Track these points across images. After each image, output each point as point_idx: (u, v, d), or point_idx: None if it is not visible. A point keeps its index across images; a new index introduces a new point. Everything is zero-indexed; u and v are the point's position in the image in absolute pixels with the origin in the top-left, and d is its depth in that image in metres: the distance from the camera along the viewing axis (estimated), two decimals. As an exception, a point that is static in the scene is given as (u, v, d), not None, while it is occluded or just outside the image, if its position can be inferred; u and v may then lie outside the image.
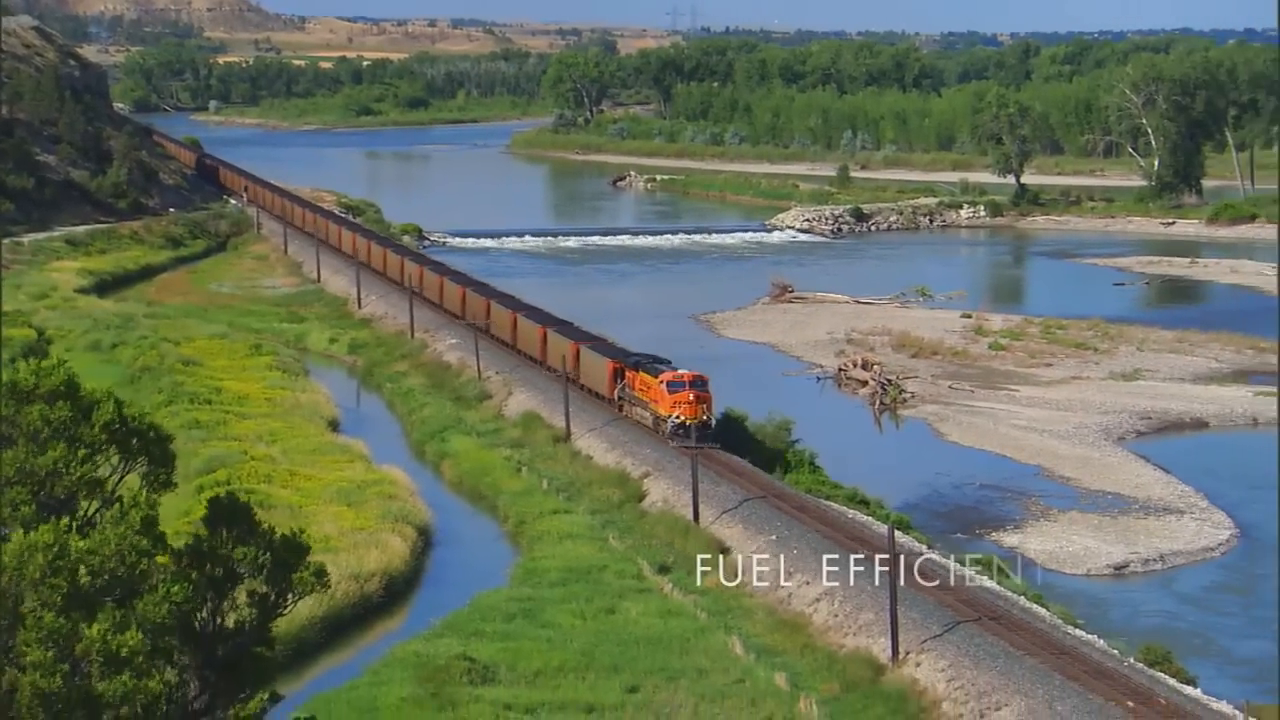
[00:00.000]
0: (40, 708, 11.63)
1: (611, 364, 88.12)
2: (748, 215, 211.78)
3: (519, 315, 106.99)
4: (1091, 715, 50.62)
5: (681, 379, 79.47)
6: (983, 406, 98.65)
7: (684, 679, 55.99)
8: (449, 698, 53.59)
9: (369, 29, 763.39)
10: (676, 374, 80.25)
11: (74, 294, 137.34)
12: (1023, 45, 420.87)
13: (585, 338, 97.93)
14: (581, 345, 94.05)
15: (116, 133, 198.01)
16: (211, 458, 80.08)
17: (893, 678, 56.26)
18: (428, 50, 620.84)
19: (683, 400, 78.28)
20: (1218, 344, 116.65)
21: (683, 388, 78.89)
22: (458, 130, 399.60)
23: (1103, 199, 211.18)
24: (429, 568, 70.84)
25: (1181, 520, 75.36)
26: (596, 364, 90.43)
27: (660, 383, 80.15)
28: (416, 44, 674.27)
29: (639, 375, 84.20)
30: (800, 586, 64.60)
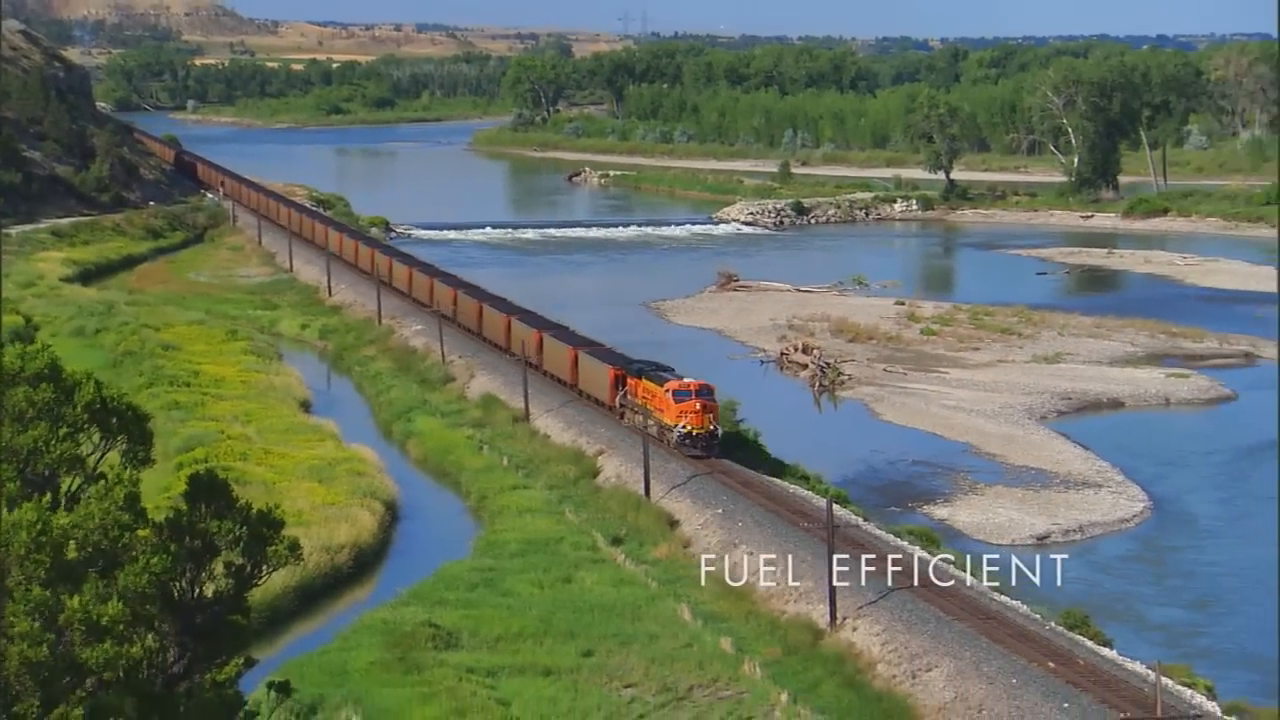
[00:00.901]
0: (27, 675, 11.54)
1: (613, 371, 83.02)
2: (695, 209, 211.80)
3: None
4: (1015, 675, 50.89)
5: (688, 388, 74.70)
6: (915, 388, 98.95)
7: (636, 643, 56.05)
8: (415, 662, 53.54)
9: (338, 33, 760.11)
10: (682, 383, 75.48)
11: (59, 283, 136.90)
12: (952, 50, 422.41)
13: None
14: (580, 351, 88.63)
15: (99, 130, 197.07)
16: (190, 437, 79.88)
17: (831, 642, 56.46)
18: (394, 53, 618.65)
19: (689, 410, 73.36)
20: (1132, 329, 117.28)
21: (689, 397, 74.03)
22: (422, 128, 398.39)
23: (1026, 194, 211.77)
24: (396, 540, 70.76)
25: (1099, 494, 75.80)
26: (596, 370, 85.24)
27: (666, 391, 75.27)
28: (383, 47, 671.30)
29: (641, 383, 79.10)
30: (749, 554, 64.76)
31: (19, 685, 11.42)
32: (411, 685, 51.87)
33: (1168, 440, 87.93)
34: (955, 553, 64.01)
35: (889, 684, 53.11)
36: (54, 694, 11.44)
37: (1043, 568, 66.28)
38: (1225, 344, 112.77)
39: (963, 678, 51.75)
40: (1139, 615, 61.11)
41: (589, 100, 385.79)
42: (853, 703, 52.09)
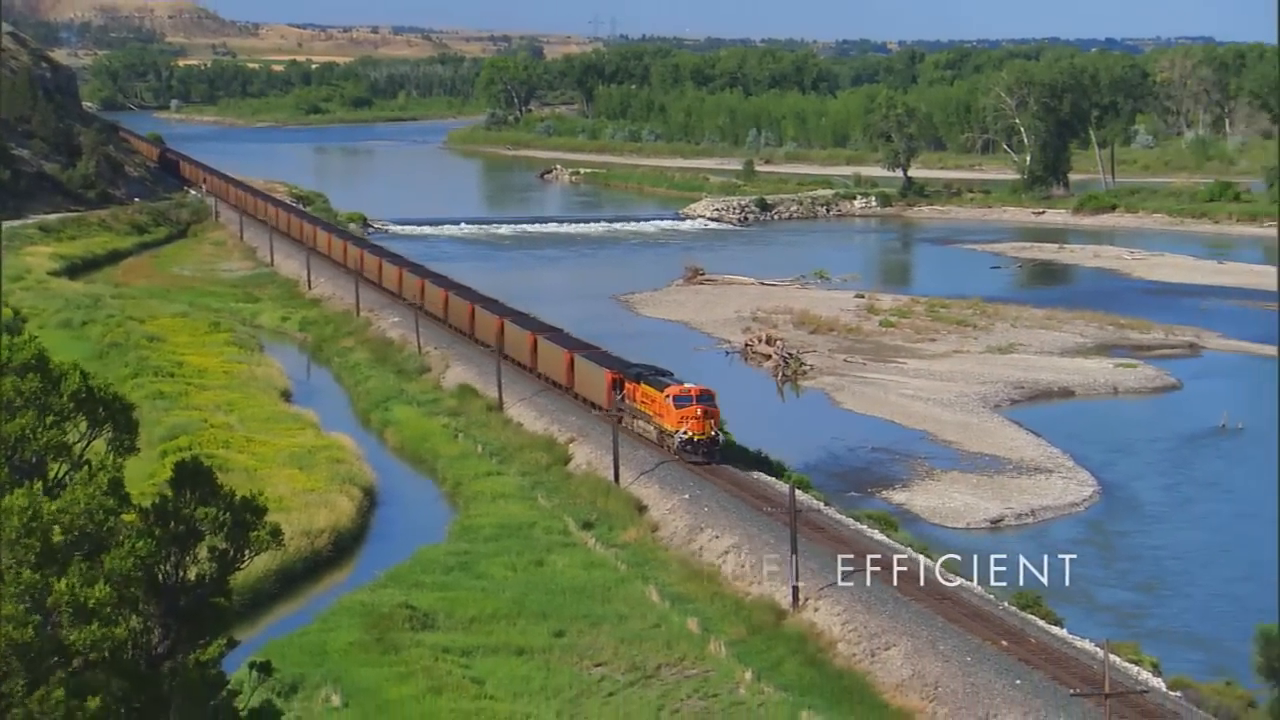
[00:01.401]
0: (14, 657, 11.50)
1: (610, 374, 78.92)
2: (663, 205, 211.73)
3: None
4: (970, 653, 51.07)
5: (688, 393, 71.16)
6: (874, 377, 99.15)
7: (606, 624, 56.08)
8: (392, 642, 53.50)
9: (317, 35, 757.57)
10: (683, 388, 71.94)
11: (47, 276, 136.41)
12: (909, 52, 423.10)
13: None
14: (576, 354, 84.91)
15: (85, 129, 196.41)
16: (174, 425, 79.66)
17: (793, 622, 56.56)
18: (371, 54, 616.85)
19: (690, 415, 70.10)
20: (1082, 321, 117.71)
21: (690, 402, 70.55)
22: (399, 127, 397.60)
23: (981, 191, 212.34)
24: (374, 525, 70.71)
25: (1050, 479, 76.07)
26: (593, 374, 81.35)
27: (666, 397, 71.74)
28: (361, 49, 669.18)
29: (640, 387, 75.43)
30: (714, 539, 64.82)
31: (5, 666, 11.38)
32: (389, 665, 51.84)
33: (1116, 428, 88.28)
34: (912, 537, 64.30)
35: (849, 662, 53.24)
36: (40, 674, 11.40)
37: (996, 550, 66.58)
38: (1171, 335, 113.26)
39: (920, 656, 51.91)
40: (1088, 596, 61.36)
41: (560, 100, 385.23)
42: (814, 680, 52.21)
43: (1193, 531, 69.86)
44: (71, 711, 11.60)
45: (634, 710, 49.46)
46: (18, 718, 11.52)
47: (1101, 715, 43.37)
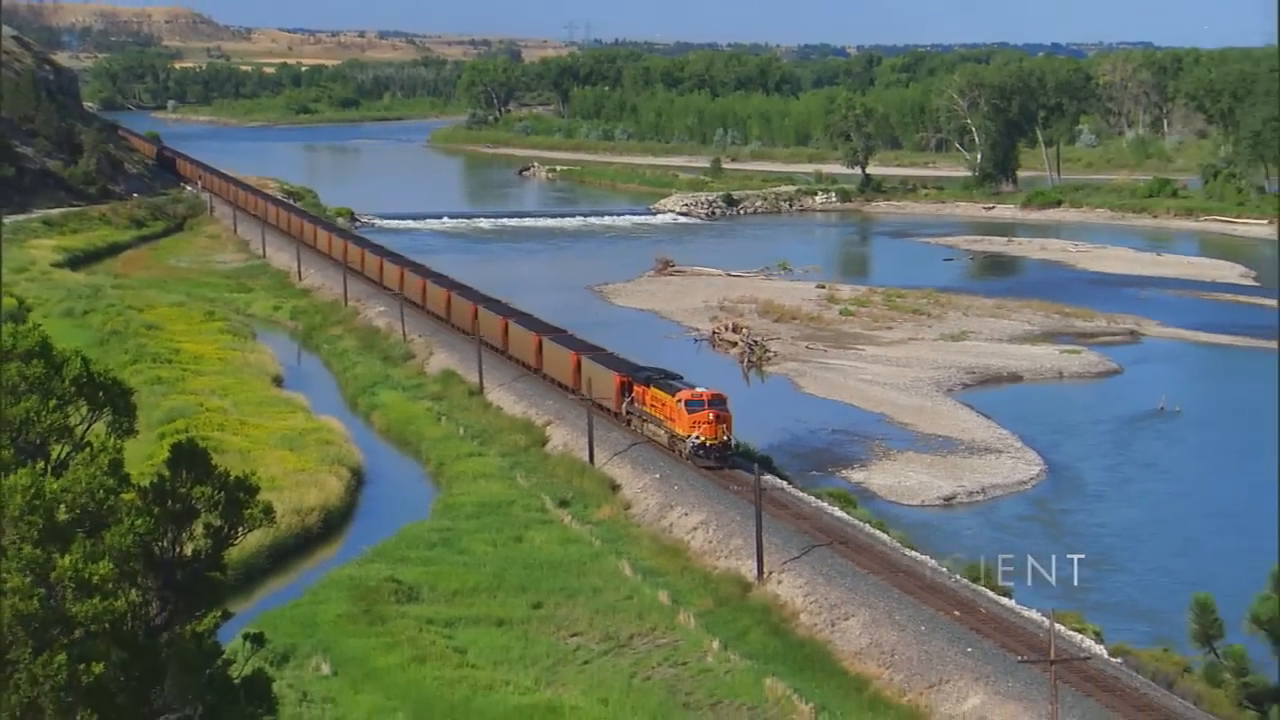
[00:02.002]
0: (20, 627, 11.47)
1: (619, 378, 75.20)
2: (635, 201, 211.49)
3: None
4: (924, 623, 51.25)
5: (700, 398, 67.24)
6: (834, 363, 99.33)
7: (581, 596, 56.12)
8: (379, 614, 53.46)
9: (307, 39, 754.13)
10: (695, 393, 67.86)
11: (50, 268, 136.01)
12: (867, 56, 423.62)
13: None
14: (584, 356, 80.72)
15: (86, 128, 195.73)
16: (172, 409, 79.45)
17: (758, 594, 56.67)
18: (358, 58, 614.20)
19: (702, 420, 66.30)
20: (1029, 310, 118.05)
21: (702, 407, 66.76)
22: (384, 127, 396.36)
23: (934, 187, 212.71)
24: (361, 503, 70.64)
25: (1000, 459, 76.34)
26: (602, 376, 77.22)
27: (678, 401, 67.81)
28: (348, 52, 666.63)
29: (650, 391, 71.68)
30: (683, 516, 64.90)
31: (11, 635, 11.37)
32: (376, 635, 51.80)
33: (1061, 410, 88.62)
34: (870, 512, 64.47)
35: (810, 631, 53.38)
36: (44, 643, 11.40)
37: (949, 526, 66.86)
38: (1113, 323, 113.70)
39: (877, 625, 52.07)
40: (1035, 569, 61.54)
41: (537, 101, 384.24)
42: (778, 649, 52.32)
43: (1132, 509, 70.20)
44: (75, 677, 11.60)
45: (608, 678, 49.50)
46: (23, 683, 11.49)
47: (1047, 680, 43.53)
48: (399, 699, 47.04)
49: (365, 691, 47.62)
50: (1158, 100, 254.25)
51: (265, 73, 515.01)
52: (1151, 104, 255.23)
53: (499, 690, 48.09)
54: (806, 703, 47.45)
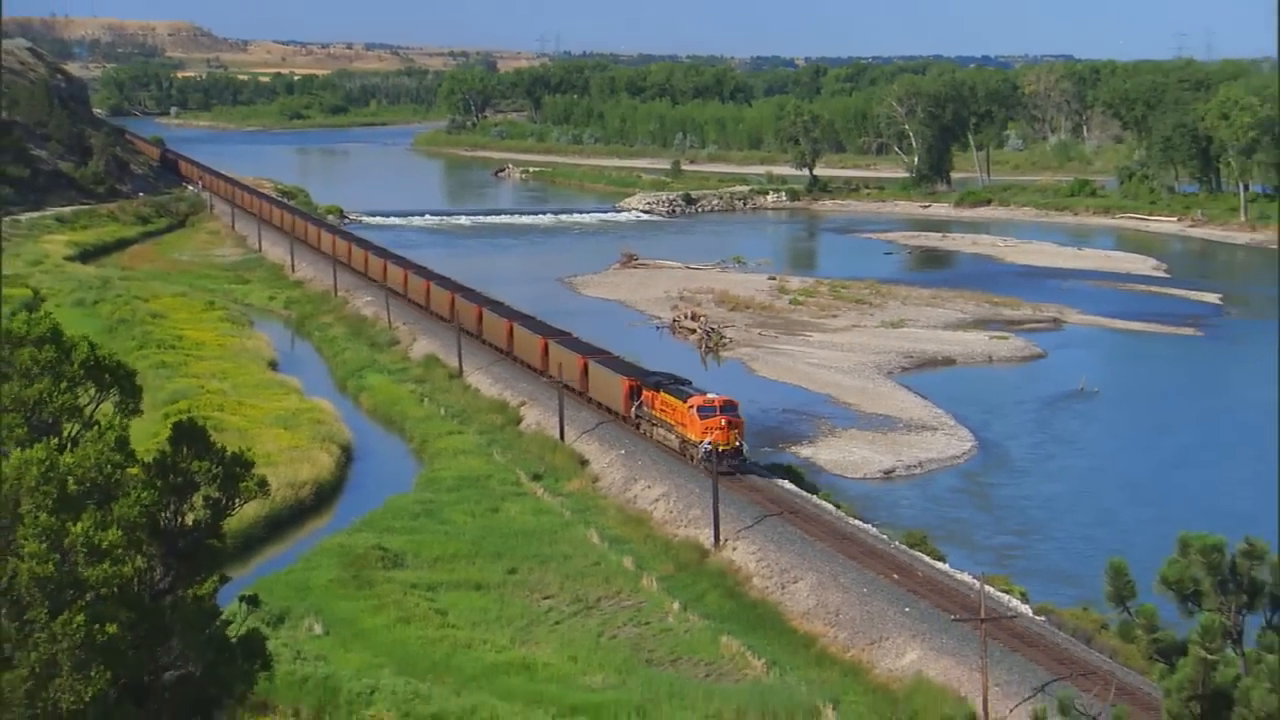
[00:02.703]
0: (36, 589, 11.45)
1: (627, 382, 71.26)
2: (601, 199, 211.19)
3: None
4: (866, 585, 51.49)
5: (712, 404, 63.18)
6: (784, 348, 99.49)
7: (553, 562, 56.17)
8: (366, 579, 53.41)
9: (299, 50, 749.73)
10: (706, 399, 63.93)
11: (63, 261, 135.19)
12: (814, 67, 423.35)
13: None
14: (591, 360, 76.73)
15: (96, 133, 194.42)
16: (175, 391, 79.17)
17: (715, 559, 56.81)
18: (346, 67, 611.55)
19: (714, 426, 61.96)
20: (962, 299, 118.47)
21: (714, 413, 62.57)
22: (371, 131, 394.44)
23: (875, 187, 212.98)
24: (350, 477, 70.52)
25: (935, 435, 76.61)
26: (610, 381, 73.37)
27: (690, 407, 63.71)
28: (337, 62, 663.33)
29: (659, 395, 67.58)
30: (646, 488, 64.97)
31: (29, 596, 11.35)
32: (364, 599, 51.76)
33: (990, 391, 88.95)
34: (817, 484, 64.61)
35: (763, 593, 53.54)
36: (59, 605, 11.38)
37: (889, 497, 66.97)
38: (1037, 311, 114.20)
39: (823, 588, 52.28)
40: (966, 535, 61.90)
41: (512, 108, 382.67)
42: (733, 610, 52.48)
43: (1054, 483, 70.55)
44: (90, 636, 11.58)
45: (577, 637, 49.56)
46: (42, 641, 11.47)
47: (978, 637, 43.76)
48: (385, 656, 47.01)
49: (354, 650, 47.57)
50: (1078, 108, 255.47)
51: (261, 81, 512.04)
52: (1072, 111, 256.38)
53: (477, 648, 48.12)
54: (759, 658, 47.62)
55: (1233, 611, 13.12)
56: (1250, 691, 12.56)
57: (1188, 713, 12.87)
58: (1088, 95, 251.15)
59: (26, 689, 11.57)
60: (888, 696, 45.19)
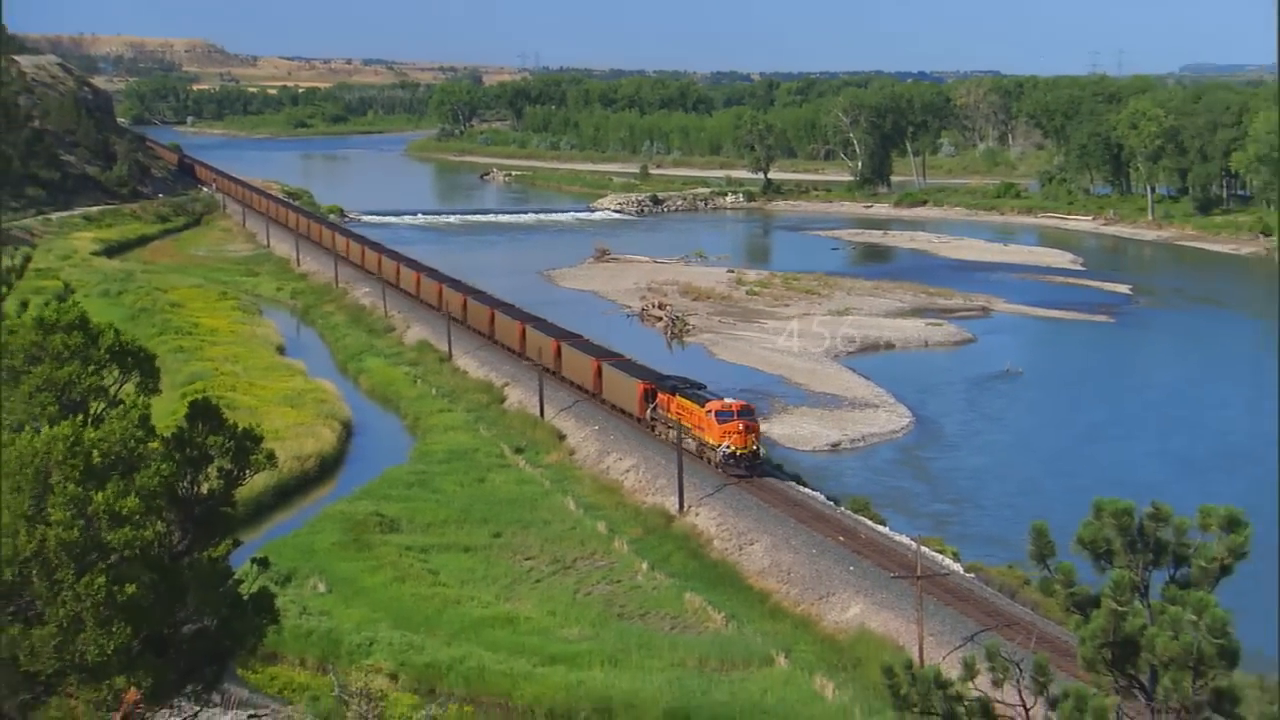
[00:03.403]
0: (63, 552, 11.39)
1: (642, 385, 67.22)
2: (577, 200, 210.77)
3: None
4: (815, 547, 51.67)
5: (729, 409, 59.60)
6: (742, 334, 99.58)
7: (534, 527, 56.19)
8: (365, 542, 53.33)
9: (303, 65, 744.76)
10: (724, 404, 60.32)
11: (90, 256, 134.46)
12: (768, 81, 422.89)
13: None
14: (604, 362, 72.58)
15: (120, 140, 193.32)
16: (191, 373, 78.80)
17: (679, 524, 56.91)
18: (346, 81, 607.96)
19: (733, 430, 58.71)
20: (901, 290, 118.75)
21: (731, 418, 59.09)
22: (368, 139, 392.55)
23: (823, 189, 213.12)
24: (351, 451, 70.38)
25: (877, 412, 76.81)
26: (625, 384, 69.22)
27: (708, 412, 59.93)
28: (338, 76, 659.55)
29: (675, 399, 63.44)
30: (618, 460, 65.01)
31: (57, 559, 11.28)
32: (363, 560, 51.70)
33: (926, 372, 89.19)
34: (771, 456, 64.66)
35: (722, 554, 53.67)
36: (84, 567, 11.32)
37: (835, 467, 67.12)
38: (968, 301, 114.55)
39: (776, 549, 52.44)
40: (904, 502, 62.12)
41: (496, 117, 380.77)
42: (695, 569, 52.58)
43: (983, 455, 70.84)
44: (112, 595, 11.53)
45: (556, 593, 49.60)
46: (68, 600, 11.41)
47: (915, 592, 43.96)
48: (383, 612, 46.96)
49: (355, 606, 47.50)
50: (1004, 118, 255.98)
51: (269, 93, 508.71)
52: (999, 121, 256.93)
53: (465, 604, 48.10)
54: (719, 612, 47.74)
55: (1140, 568, 13.19)
56: (1155, 639, 12.63)
57: (1100, 658, 12.94)
58: (1012, 107, 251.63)
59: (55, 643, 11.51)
60: (834, 646, 45.38)
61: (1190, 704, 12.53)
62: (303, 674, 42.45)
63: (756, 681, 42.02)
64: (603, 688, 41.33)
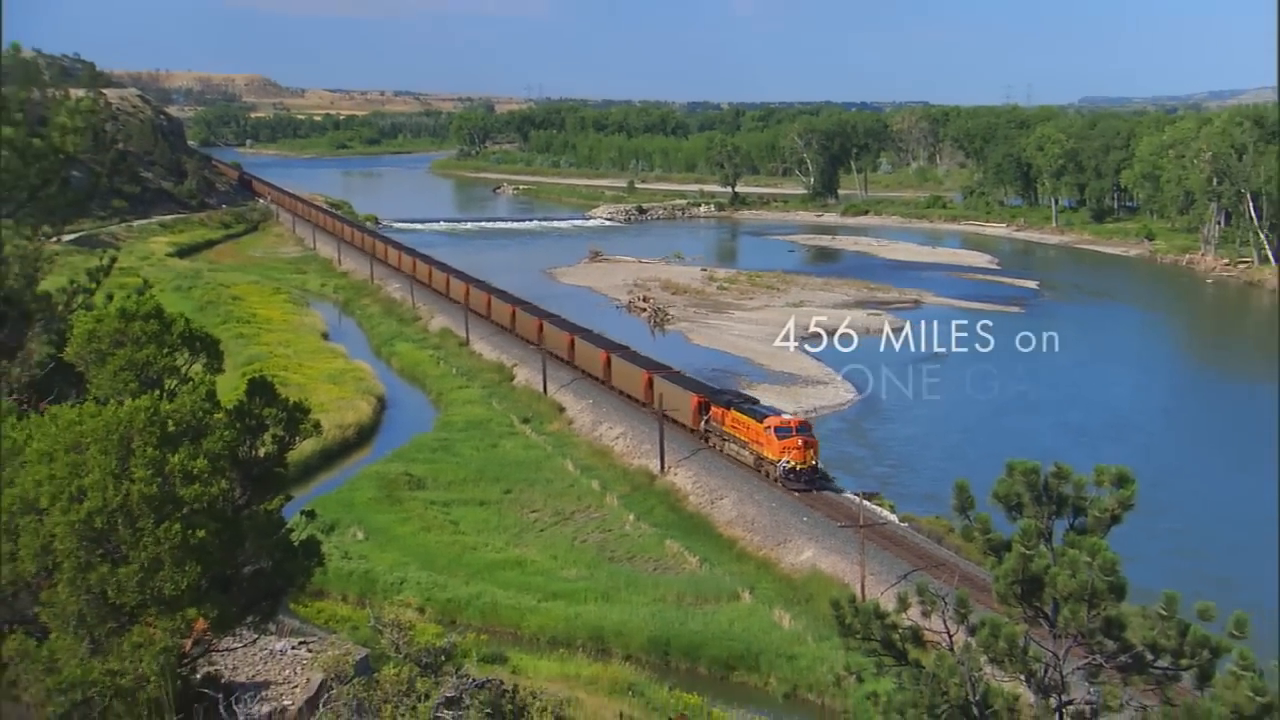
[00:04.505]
0: (144, 504, 11.42)
1: (696, 398, 60.54)
2: (574, 210, 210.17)
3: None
4: (774, 502, 51.78)
5: (788, 425, 53.89)
6: (713, 323, 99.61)
7: (538, 485, 56.22)
8: (397, 497, 53.33)
9: (344, 96, 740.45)
10: (783, 420, 54.73)
11: (165, 257, 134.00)
12: (735, 110, 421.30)
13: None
14: (656, 375, 65.08)
15: (189, 159, 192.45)
16: (250, 355, 78.62)
17: (661, 482, 57.00)
18: (379, 109, 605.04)
19: (792, 446, 52.70)
20: (846, 286, 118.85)
21: (790, 434, 53.22)
22: (398, 158, 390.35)
23: (781, 201, 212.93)
24: (384, 421, 70.30)
25: (826, 388, 76.96)
26: (679, 396, 61.66)
27: (766, 428, 54.18)
28: (373, 105, 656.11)
29: (730, 413, 57.30)
30: (609, 429, 65.04)
31: (138, 510, 11.30)
32: (395, 512, 51.71)
33: (868, 355, 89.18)
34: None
35: (697, 508, 53.79)
36: (161, 517, 11.34)
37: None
38: (902, 294, 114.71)
39: (742, 503, 52.55)
40: (850, 464, 62.26)
41: (506, 140, 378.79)
42: (674, 520, 52.70)
43: (914, 426, 71.00)
44: (185, 539, 11.56)
45: (556, 540, 49.69)
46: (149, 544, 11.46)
47: (858, 539, 44.15)
48: (411, 556, 47.01)
49: (388, 551, 47.54)
50: (932, 141, 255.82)
51: (314, 120, 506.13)
52: (928, 144, 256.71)
53: (481, 549, 48.16)
54: (694, 556, 47.88)
55: (1044, 518, 13.28)
56: (1056, 577, 12.73)
57: (1011, 593, 13.03)
58: (939, 132, 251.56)
59: (138, 580, 11.54)
60: (790, 584, 45.57)
61: (1085, 630, 12.63)
62: (344, 608, 42.51)
63: (725, 614, 42.21)
64: (596, 619, 41.47)
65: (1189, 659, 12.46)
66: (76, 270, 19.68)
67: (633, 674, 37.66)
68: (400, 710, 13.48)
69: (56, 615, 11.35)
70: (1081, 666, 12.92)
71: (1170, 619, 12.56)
